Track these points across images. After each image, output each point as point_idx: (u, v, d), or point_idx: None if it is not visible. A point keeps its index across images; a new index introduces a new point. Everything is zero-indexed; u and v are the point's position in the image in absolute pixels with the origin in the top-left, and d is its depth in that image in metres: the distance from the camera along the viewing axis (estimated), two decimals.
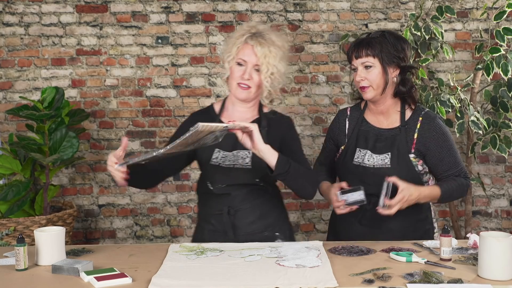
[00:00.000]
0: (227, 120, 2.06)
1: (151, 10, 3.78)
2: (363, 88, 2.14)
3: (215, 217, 2.11)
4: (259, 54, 2.01)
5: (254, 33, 2.05)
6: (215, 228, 2.11)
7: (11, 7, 3.73)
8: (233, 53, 2.04)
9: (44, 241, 1.78)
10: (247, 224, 2.08)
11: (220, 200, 2.08)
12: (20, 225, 3.21)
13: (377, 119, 2.22)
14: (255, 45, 2.02)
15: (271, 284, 1.55)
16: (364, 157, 2.16)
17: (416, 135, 2.15)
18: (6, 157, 3.44)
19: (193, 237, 2.25)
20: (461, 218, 3.81)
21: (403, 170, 2.10)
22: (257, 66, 2.03)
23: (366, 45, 2.12)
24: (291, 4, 3.81)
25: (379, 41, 2.12)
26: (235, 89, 2.06)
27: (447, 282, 1.55)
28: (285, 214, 2.24)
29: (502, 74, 3.19)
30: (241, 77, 2.03)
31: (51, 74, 3.79)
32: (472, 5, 3.85)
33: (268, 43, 2.03)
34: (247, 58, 2.03)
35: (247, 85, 2.04)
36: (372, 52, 2.11)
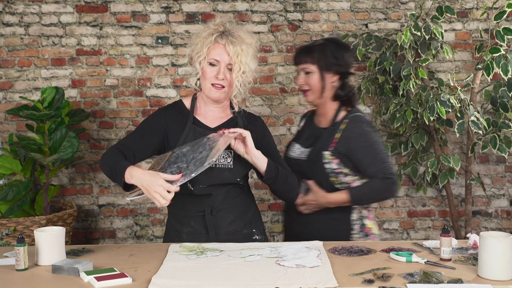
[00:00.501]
0: (202, 117, 2.13)
1: (151, 10, 3.78)
2: (305, 91, 2.33)
3: (195, 218, 2.08)
4: (232, 53, 2.00)
5: (223, 32, 2.04)
6: (194, 230, 2.09)
7: (11, 7, 3.73)
8: (204, 53, 2.03)
9: (44, 241, 1.79)
10: (228, 223, 2.09)
11: (201, 201, 2.06)
12: (20, 225, 3.21)
13: (319, 119, 2.38)
14: (227, 44, 2.01)
15: (271, 284, 1.55)
16: (292, 148, 2.37)
17: (339, 135, 2.25)
18: (6, 157, 3.44)
19: (167, 240, 2.18)
20: (461, 218, 3.81)
21: (314, 164, 2.25)
22: (230, 65, 2.03)
23: (307, 52, 2.31)
24: (291, 4, 3.81)
25: (319, 49, 2.29)
26: (209, 90, 2.05)
27: (447, 282, 1.55)
28: (258, 210, 2.26)
29: (502, 74, 3.19)
30: (215, 77, 2.03)
31: (51, 74, 3.79)
32: (472, 5, 3.85)
33: (239, 41, 2.02)
34: (220, 58, 2.02)
35: (221, 85, 2.03)
36: (311, 59, 2.28)
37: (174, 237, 2.13)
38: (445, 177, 3.50)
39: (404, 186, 3.91)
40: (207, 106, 2.14)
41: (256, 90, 3.81)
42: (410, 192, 3.91)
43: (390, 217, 3.92)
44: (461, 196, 3.87)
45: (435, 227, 3.92)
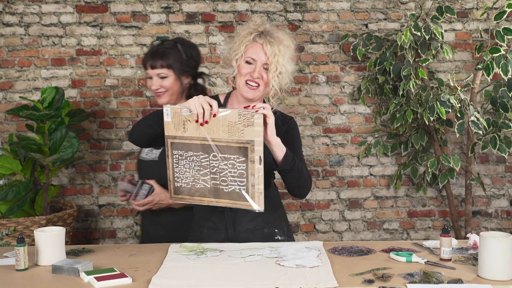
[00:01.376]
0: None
1: (151, 10, 3.78)
2: (159, 94, 2.35)
3: (216, 214, 2.11)
4: (269, 53, 2.00)
5: (262, 32, 2.04)
6: (215, 226, 2.11)
7: (11, 7, 3.73)
8: (241, 51, 2.02)
9: (44, 241, 1.78)
10: (248, 221, 2.09)
11: None
12: (20, 225, 3.21)
13: None
14: (264, 44, 2.01)
15: (271, 284, 1.55)
16: (144, 151, 2.42)
17: None
18: (6, 157, 3.44)
19: (190, 236, 2.23)
20: (461, 218, 3.81)
21: (164, 164, 2.16)
22: (266, 65, 2.02)
23: (161, 56, 2.32)
24: (291, 4, 3.81)
25: (172, 52, 2.33)
26: (242, 87, 2.05)
27: (447, 282, 1.55)
28: (284, 211, 2.26)
29: (502, 74, 3.19)
30: (250, 74, 2.02)
31: (51, 74, 3.79)
32: (472, 5, 3.85)
33: (277, 42, 2.02)
34: (256, 57, 2.02)
35: (257, 84, 2.03)
36: (166, 63, 2.32)
37: (196, 232, 2.17)
38: (445, 177, 3.50)
39: (404, 186, 3.91)
40: (240, 105, 2.14)
41: None
42: (410, 192, 3.91)
43: (390, 217, 3.92)
44: (461, 196, 3.87)
45: (435, 227, 3.92)
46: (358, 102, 3.86)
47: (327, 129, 3.88)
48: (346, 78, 3.86)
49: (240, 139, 1.79)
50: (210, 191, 1.89)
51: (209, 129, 1.82)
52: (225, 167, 1.84)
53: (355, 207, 3.91)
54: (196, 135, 1.84)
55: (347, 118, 3.88)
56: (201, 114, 1.80)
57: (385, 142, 3.81)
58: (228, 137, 1.80)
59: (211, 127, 1.81)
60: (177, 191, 1.95)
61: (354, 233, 3.92)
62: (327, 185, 3.89)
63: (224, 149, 1.82)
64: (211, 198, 1.90)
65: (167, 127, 1.87)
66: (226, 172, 1.84)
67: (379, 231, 3.92)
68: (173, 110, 1.85)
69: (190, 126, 1.84)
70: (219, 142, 1.82)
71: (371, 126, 3.87)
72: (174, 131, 1.87)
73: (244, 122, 1.77)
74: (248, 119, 1.76)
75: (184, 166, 1.90)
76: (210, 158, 1.85)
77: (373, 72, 3.71)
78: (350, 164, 3.90)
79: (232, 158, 1.82)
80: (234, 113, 1.78)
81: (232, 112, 1.78)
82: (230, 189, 1.86)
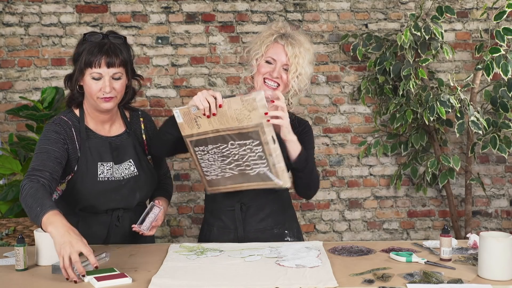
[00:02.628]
0: None
1: (151, 10, 3.78)
2: (108, 98, 1.95)
3: (226, 213, 2.11)
4: (290, 54, 2.02)
5: (284, 34, 2.06)
6: (224, 225, 2.12)
7: (11, 7, 3.73)
8: (262, 51, 2.04)
9: (44, 241, 1.78)
10: (258, 221, 2.09)
11: (232, 196, 2.08)
12: (20, 225, 3.21)
13: (103, 127, 2.07)
14: (286, 45, 2.03)
15: (271, 284, 1.55)
16: (110, 170, 2.03)
17: (145, 136, 2.17)
18: (6, 157, 3.44)
19: (200, 236, 2.23)
20: (461, 218, 3.81)
21: (147, 174, 2.12)
22: (286, 65, 2.04)
23: (115, 52, 1.94)
24: (291, 4, 3.81)
25: (124, 49, 1.99)
26: (261, 86, 2.06)
27: (447, 282, 1.55)
28: (294, 212, 2.25)
29: (502, 74, 3.19)
30: (269, 73, 2.04)
31: (51, 74, 3.79)
32: (472, 5, 3.85)
33: (298, 44, 2.04)
34: (277, 57, 2.03)
35: (276, 84, 2.04)
36: (122, 61, 1.96)
37: (206, 231, 2.18)
38: (445, 177, 3.50)
39: (404, 186, 3.91)
40: None
41: None
42: (410, 192, 3.91)
43: (390, 217, 3.92)
44: (461, 196, 3.87)
45: (435, 227, 3.92)
46: (358, 102, 3.86)
47: (327, 129, 3.88)
48: (346, 78, 3.86)
49: (248, 124, 1.83)
50: (240, 177, 1.95)
51: (219, 120, 1.85)
52: (244, 153, 1.89)
53: (355, 207, 3.91)
54: (210, 128, 1.88)
55: (347, 118, 3.88)
56: (207, 107, 1.82)
57: (385, 142, 3.81)
58: (238, 125, 1.85)
59: (220, 118, 1.85)
60: (211, 184, 2.04)
61: (354, 233, 3.92)
62: (327, 185, 3.89)
63: (238, 136, 1.87)
64: (243, 184, 1.96)
65: (182, 128, 1.92)
66: (247, 157, 1.90)
67: (379, 231, 3.92)
68: (182, 111, 1.89)
69: (202, 122, 1.88)
70: (232, 131, 1.87)
71: (371, 126, 3.87)
72: (189, 130, 1.91)
73: (248, 107, 1.81)
74: (250, 103, 1.80)
75: (208, 160, 1.96)
76: (229, 147, 1.90)
77: (373, 72, 3.71)
78: (350, 164, 3.90)
79: (248, 143, 1.87)
80: (237, 100, 1.82)
81: (235, 99, 1.82)
82: (255, 172, 1.91)
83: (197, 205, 3.86)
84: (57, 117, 2.03)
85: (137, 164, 2.09)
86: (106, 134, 2.07)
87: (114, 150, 2.05)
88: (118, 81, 1.97)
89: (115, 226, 2.08)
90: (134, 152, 2.09)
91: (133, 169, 2.08)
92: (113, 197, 2.03)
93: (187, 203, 3.87)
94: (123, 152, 2.07)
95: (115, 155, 2.05)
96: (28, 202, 1.72)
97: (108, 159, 2.02)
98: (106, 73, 1.92)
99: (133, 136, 2.13)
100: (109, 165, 2.02)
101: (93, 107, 2.01)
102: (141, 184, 2.09)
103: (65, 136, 1.97)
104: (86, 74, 1.93)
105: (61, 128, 1.97)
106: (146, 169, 2.12)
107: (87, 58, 1.90)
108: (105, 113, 2.03)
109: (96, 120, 2.06)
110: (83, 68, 1.92)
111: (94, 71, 1.91)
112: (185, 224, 3.87)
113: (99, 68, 1.91)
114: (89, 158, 2.00)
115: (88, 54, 1.91)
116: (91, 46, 1.92)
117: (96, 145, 2.02)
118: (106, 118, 2.06)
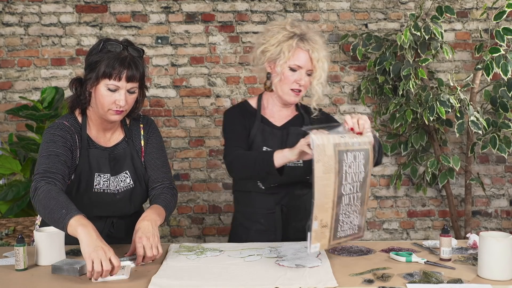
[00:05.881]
0: (270, 117, 2.14)
1: (151, 10, 3.78)
2: (120, 112, 1.90)
3: (265, 216, 2.11)
4: (315, 60, 2.01)
5: (303, 36, 2.03)
6: (264, 227, 2.12)
7: (11, 7, 3.73)
8: (286, 57, 2.01)
9: (43, 241, 1.78)
10: (297, 221, 2.11)
11: (271, 199, 2.08)
12: (20, 225, 3.21)
13: (104, 136, 2.02)
14: (310, 51, 2.01)
15: (271, 284, 1.55)
16: (107, 182, 1.97)
17: (143, 142, 2.06)
18: (6, 157, 3.44)
19: (233, 237, 2.20)
20: (461, 218, 3.81)
21: (142, 185, 2.03)
22: (310, 71, 2.04)
23: (136, 66, 1.87)
24: (291, 4, 3.81)
25: (141, 63, 1.91)
26: (286, 93, 2.06)
27: (447, 282, 1.55)
28: None
29: (502, 74, 3.19)
30: (296, 82, 2.04)
31: (51, 74, 3.79)
32: (472, 5, 3.85)
33: (319, 48, 2.03)
34: (303, 64, 2.02)
35: (299, 90, 2.05)
36: (139, 76, 1.89)
37: (242, 234, 2.16)
38: (445, 177, 3.51)
39: (404, 186, 3.91)
40: (276, 106, 2.16)
41: (256, 90, 3.81)
42: (410, 192, 3.91)
43: (389, 217, 3.92)
44: (461, 196, 3.87)
45: (435, 227, 3.92)
46: (358, 102, 3.86)
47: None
48: (346, 78, 3.86)
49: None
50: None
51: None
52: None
53: None
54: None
55: None
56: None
57: (385, 142, 3.81)
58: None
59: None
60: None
61: None
62: None
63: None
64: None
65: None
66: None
67: (378, 231, 3.92)
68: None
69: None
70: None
71: (371, 126, 3.86)
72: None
73: (321, 154, 1.59)
74: (321, 150, 1.58)
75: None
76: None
77: (373, 72, 3.71)
78: None
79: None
80: (318, 167, 1.58)
81: (317, 169, 1.58)
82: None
83: (197, 205, 3.86)
84: (59, 122, 1.95)
85: (133, 175, 2.01)
86: (105, 144, 2.00)
87: (112, 160, 1.99)
88: (132, 95, 1.91)
89: (109, 232, 2.01)
90: (131, 163, 2.02)
91: (129, 181, 2.00)
92: (107, 208, 1.98)
93: (187, 203, 3.87)
94: (121, 163, 2.00)
95: (113, 165, 1.98)
96: (48, 204, 1.68)
97: (106, 171, 1.96)
98: (123, 87, 1.86)
99: (131, 144, 2.04)
100: (106, 177, 1.97)
101: (99, 115, 1.95)
102: (135, 196, 2.02)
103: (71, 142, 1.91)
104: (101, 83, 1.86)
105: (65, 133, 1.91)
106: (142, 179, 2.04)
107: (107, 69, 1.84)
108: (110, 123, 1.98)
109: (98, 128, 1.99)
110: (100, 77, 1.85)
111: (112, 83, 1.84)
112: (185, 224, 3.87)
113: (118, 81, 1.84)
114: (87, 168, 1.94)
115: (109, 66, 1.84)
116: (111, 58, 1.84)
117: (96, 155, 1.96)
118: (109, 127, 2.00)
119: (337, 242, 1.71)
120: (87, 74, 1.89)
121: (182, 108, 3.82)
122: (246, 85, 3.83)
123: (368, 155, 1.74)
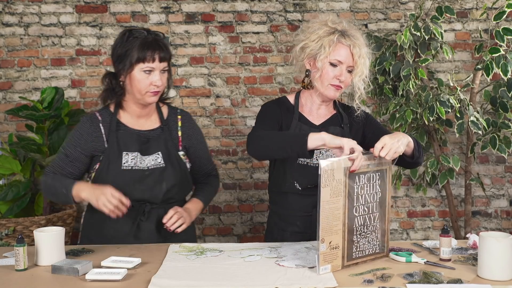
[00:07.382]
0: (308, 115, 2.14)
1: (151, 10, 3.78)
2: (156, 92, 2.03)
3: (302, 218, 2.10)
4: (356, 56, 2.00)
5: (344, 32, 2.02)
6: (300, 230, 2.11)
7: (11, 7, 3.73)
8: (327, 52, 1.99)
9: (43, 241, 1.78)
10: None
11: (309, 201, 2.07)
12: (20, 225, 3.21)
13: (137, 122, 2.11)
14: (352, 46, 2.00)
15: (271, 284, 1.55)
16: (135, 160, 2.05)
17: (180, 133, 2.17)
18: (6, 157, 3.44)
19: (268, 237, 2.20)
20: (460, 218, 3.81)
21: (175, 167, 2.11)
22: (351, 67, 2.02)
23: (167, 47, 2.05)
24: (291, 4, 3.81)
25: (166, 42, 2.09)
26: (326, 89, 2.04)
27: (447, 282, 1.55)
28: None
29: (501, 74, 3.19)
30: (337, 78, 2.02)
31: (51, 74, 3.79)
32: (471, 5, 3.86)
33: (360, 44, 2.02)
34: (344, 59, 2.01)
35: (340, 86, 2.04)
36: (170, 55, 2.07)
37: (277, 236, 2.15)
38: (445, 177, 3.50)
39: (404, 186, 3.91)
40: (314, 104, 2.14)
41: (256, 90, 3.81)
42: (410, 192, 3.91)
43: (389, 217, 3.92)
44: (461, 196, 3.87)
45: (434, 227, 3.92)
46: None
47: None
48: None
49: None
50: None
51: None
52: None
53: None
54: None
55: None
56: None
57: None
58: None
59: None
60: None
61: None
62: None
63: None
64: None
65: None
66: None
67: None
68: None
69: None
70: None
71: None
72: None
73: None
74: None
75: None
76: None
77: (373, 72, 3.70)
78: None
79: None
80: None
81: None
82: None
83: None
84: (91, 113, 2.12)
85: (166, 157, 2.08)
86: (138, 128, 2.10)
87: (143, 142, 2.07)
88: (164, 74, 2.03)
89: (140, 221, 2.05)
90: (164, 147, 2.10)
91: (160, 161, 2.07)
92: (137, 187, 2.02)
93: None
94: (153, 145, 2.08)
95: (144, 147, 2.07)
96: (52, 190, 2.03)
97: (134, 149, 2.05)
98: (158, 67, 1.99)
99: (167, 132, 2.13)
100: (134, 155, 2.04)
101: (135, 101, 2.06)
102: (167, 176, 2.07)
103: (87, 136, 2.05)
104: (135, 69, 1.98)
105: (89, 125, 2.06)
106: (175, 163, 2.09)
107: (141, 54, 1.96)
108: (145, 108, 2.08)
109: (132, 115, 2.10)
110: (134, 63, 1.97)
111: (147, 66, 1.97)
112: None
113: (153, 62, 1.97)
114: (115, 148, 2.03)
115: (140, 51, 1.96)
116: (140, 43, 1.98)
117: (124, 136, 2.06)
118: (144, 113, 2.10)
119: (354, 262, 1.75)
120: (118, 65, 2.03)
121: (182, 108, 3.81)
122: (246, 85, 3.82)
123: (385, 175, 1.79)
